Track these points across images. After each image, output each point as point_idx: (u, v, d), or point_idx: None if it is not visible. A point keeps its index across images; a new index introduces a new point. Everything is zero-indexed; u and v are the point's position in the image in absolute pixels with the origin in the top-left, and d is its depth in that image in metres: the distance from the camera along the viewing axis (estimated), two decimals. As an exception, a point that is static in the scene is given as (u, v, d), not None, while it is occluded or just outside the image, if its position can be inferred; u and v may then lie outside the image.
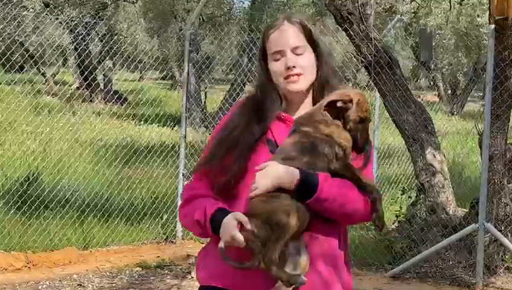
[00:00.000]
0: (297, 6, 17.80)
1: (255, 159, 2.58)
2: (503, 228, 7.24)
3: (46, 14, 13.08)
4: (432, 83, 23.58)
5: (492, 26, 6.92)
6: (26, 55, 14.44)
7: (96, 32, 17.21)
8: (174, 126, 13.71)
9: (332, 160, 2.55)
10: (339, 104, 2.58)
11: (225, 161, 2.60)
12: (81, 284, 6.70)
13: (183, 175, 8.40)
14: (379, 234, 8.18)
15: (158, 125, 13.70)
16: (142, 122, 13.98)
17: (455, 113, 21.95)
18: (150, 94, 14.03)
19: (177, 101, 18.20)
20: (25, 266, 7.01)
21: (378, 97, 9.50)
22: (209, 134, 2.66)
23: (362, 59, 7.78)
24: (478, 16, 17.44)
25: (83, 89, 18.06)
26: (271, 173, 2.51)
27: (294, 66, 2.61)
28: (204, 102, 18.44)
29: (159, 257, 7.66)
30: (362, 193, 2.56)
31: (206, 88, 18.28)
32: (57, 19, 13.92)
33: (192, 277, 6.89)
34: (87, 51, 17.50)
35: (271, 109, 2.64)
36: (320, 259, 2.57)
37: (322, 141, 2.56)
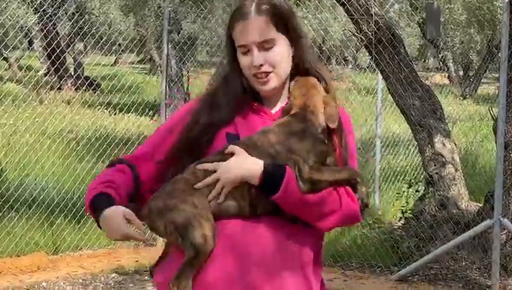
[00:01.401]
0: (289, -21, 17.78)
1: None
2: (521, 224, 7.27)
3: (8, -9, 13.04)
4: (441, 63, 23.59)
5: (507, -1, 6.93)
6: (-14, 38, 14.41)
7: (64, 10, 17.15)
8: (153, 115, 13.72)
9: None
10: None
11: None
12: (51, 293, 6.72)
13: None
14: (383, 232, 8.21)
15: (135, 115, 13.68)
16: (117, 112, 13.95)
17: (467, 96, 22.01)
18: (125, 80, 14.00)
19: (156, 87, 18.19)
20: (-12, 274, 7.02)
21: (380, 80, 9.52)
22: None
23: (362, 37, 7.79)
24: (492, -13, 17.47)
25: (51, 75, 18.02)
26: (240, 163, 2.49)
27: (261, 65, 2.57)
28: (187, 88, 18.43)
29: (137, 261, 7.67)
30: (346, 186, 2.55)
31: (188, 72, 18.26)
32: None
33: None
34: (54, 32, 17.43)
35: (231, 96, 2.61)
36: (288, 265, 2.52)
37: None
